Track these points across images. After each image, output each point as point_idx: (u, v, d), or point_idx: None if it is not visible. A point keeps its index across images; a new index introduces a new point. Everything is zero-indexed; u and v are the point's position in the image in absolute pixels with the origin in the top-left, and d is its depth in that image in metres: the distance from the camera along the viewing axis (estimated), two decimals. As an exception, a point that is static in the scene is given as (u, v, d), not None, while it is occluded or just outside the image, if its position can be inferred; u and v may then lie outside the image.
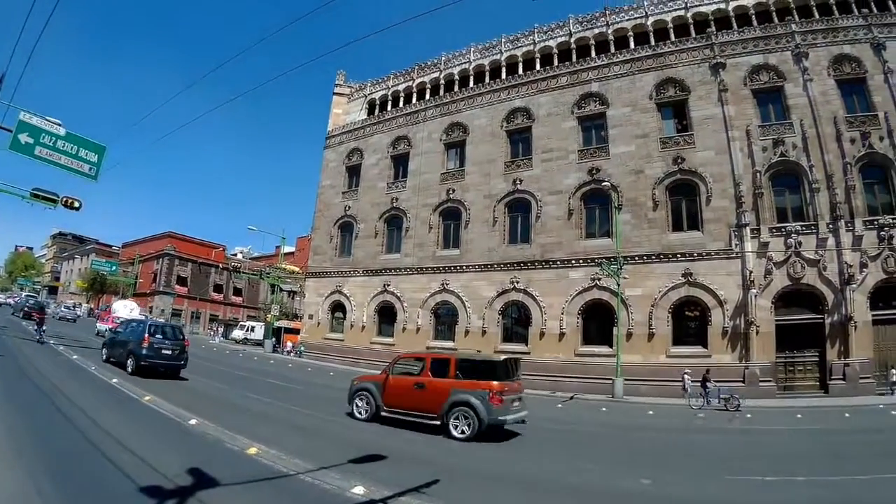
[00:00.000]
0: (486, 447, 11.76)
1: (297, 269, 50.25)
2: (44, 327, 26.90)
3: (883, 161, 27.64)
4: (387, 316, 37.61)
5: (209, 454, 8.76)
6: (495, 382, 12.32)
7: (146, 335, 18.51)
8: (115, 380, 16.14)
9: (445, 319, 35.17)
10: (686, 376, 25.23)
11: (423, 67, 42.23)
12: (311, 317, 42.31)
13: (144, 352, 18.21)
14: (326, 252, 41.96)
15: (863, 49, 29.39)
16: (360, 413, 13.95)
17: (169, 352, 18.87)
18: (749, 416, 20.12)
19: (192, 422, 11.20)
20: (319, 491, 7.37)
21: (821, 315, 26.64)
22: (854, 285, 25.94)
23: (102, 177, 20.89)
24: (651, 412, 21.49)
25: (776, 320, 27.14)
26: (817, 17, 31.27)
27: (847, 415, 19.80)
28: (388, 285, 37.14)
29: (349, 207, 41.16)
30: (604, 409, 22.58)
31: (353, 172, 42.54)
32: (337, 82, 47.06)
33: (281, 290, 54.80)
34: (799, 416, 20.06)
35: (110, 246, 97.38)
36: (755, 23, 32.45)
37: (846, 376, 25.24)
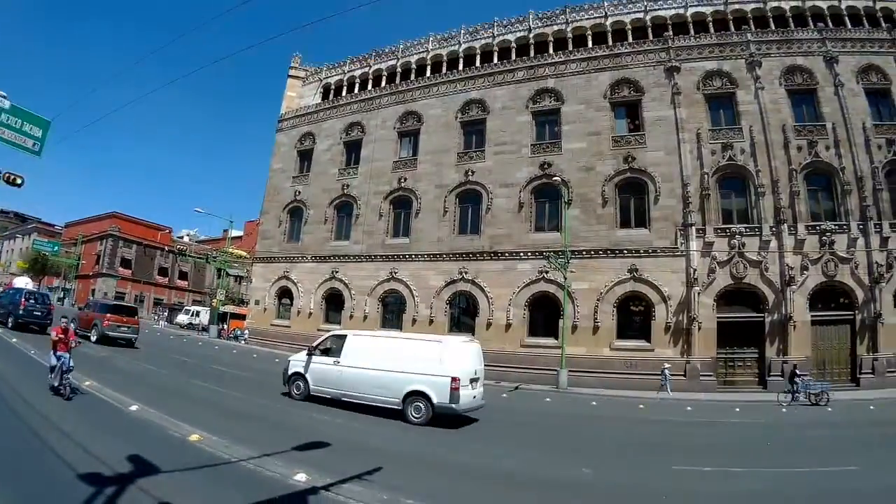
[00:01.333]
0: (431, 433, 11.96)
1: (244, 253, 48.96)
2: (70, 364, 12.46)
3: (828, 169, 28.97)
4: (334, 303, 37.10)
5: (150, 441, 8.56)
6: None
7: (22, 300, 25.74)
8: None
9: (393, 308, 34.93)
10: (666, 371, 26.02)
11: (381, 54, 41.71)
12: (257, 302, 41.38)
13: (21, 312, 25.28)
14: (275, 237, 41.04)
15: (815, 61, 30.69)
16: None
17: (39, 313, 26.11)
18: (689, 408, 20.69)
19: (133, 408, 11.02)
20: (262, 478, 7.34)
21: (761, 314, 27.82)
22: (795, 287, 27.15)
23: (46, 154, 19.95)
24: (594, 403, 21.91)
25: (718, 317, 28.15)
26: (773, 28, 32.51)
27: (784, 410, 20.64)
28: (337, 272, 36.61)
29: (299, 192, 40.33)
30: (548, 399, 22.93)
31: (305, 157, 41.69)
32: (292, 65, 46.01)
33: (227, 274, 53.44)
34: (737, 409, 20.81)
35: (53, 225, 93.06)
36: (712, 30, 33.46)
37: (784, 373, 26.26)
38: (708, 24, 33.91)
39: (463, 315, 33.09)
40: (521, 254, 31.44)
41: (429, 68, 39.11)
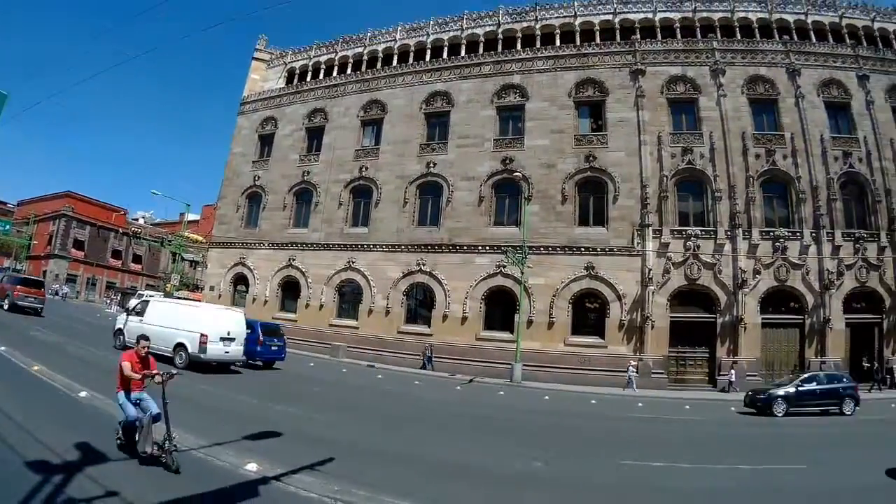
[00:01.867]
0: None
1: (200, 237, 47.75)
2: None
3: (784, 178, 29.86)
4: (291, 291, 36.48)
5: (99, 428, 8.23)
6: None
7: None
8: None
9: (350, 298, 34.54)
10: (631, 368, 26.47)
11: (348, 41, 41.09)
12: (212, 288, 40.30)
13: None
14: (232, 222, 40.07)
15: (778, 73, 31.53)
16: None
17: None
18: (640, 405, 20.97)
19: (83, 394, 10.78)
20: (213, 467, 7.28)
21: (713, 315, 28.52)
22: (747, 290, 27.93)
23: (1, 129, 19.48)
24: (547, 397, 22.02)
25: (671, 317, 28.75)
26: (739, 37, 33.21)
27: (733, 409, 20.99)
28: (294, 260, 35.98)
29: (259, 177, 39.44)
30: (501, 392, 22.99)
31: (266, 142, 40.79)
32: (257, 47, 44.97)
33: (183, 259, 52.06)
34: (687, 407, 21.17)
35: (5, 203, 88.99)
36: (679, 36, 34.00)
37: (734, 373, 27.03)
38: (675, 29, 34.44)
39: (420, 307, 32.97)
40: (480, 247, 31.45)
41: (395, 58, 38.70)
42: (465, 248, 31.75)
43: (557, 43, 35.15)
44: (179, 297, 46.98)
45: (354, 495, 6.76)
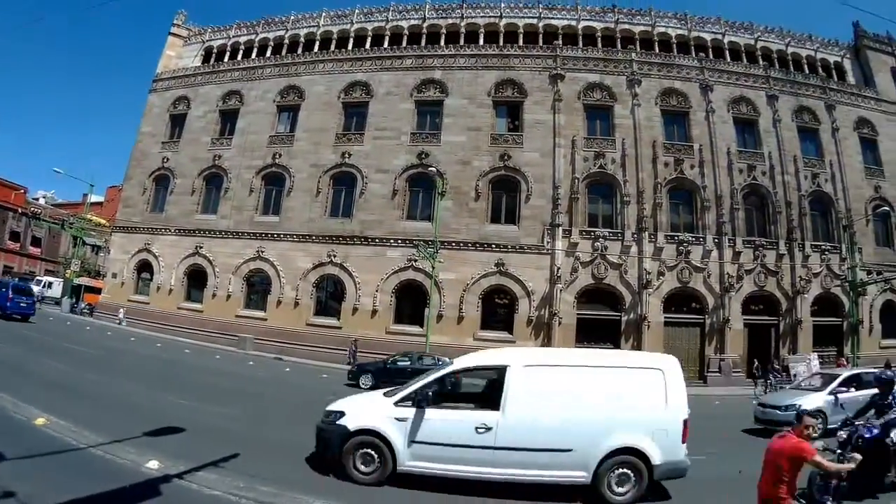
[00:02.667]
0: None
1: (104, 221, 44.99)
2: None
3: (691, 186, 31.42)
4: (197, 280, 34.86)
5: None
6: None
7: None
8: None
9: (259, 288, 33.48)
10: None
11: (270, 23, 39.73)
12: (114, 275, 37.97)
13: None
14: (138, 205, 37.84)
15: (692, 87, 33.14)
16: None
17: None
18: None
19: None
20: (113, 465, 7.02)
21: (619, 313, 29.67)
22: (651, 290, 29.23)
23: None
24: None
25: (578, 314, 29.67)
26: (657, 51, 34.70)
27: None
28: (201, 248, 34.39)
29: (167, 159, 37.40)
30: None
31: (178, 122, 38.71)
32: (175, 22, 42.63)
33: (84, 243, 48.94)
34: None
35: None
36: (600, 45, 35.14)
37: None
38: (597, 38, 35.62)
39: (330, 299, 32.45)
40: (392, 241, 31.26)
41: (317, 44, 37.86)
42: (378, 240, 31.47)
43: (481, 42, 35.60)
44: (80, 284, 44.58)
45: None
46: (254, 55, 38.97)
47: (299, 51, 37.97)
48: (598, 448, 7.46)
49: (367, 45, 36.66)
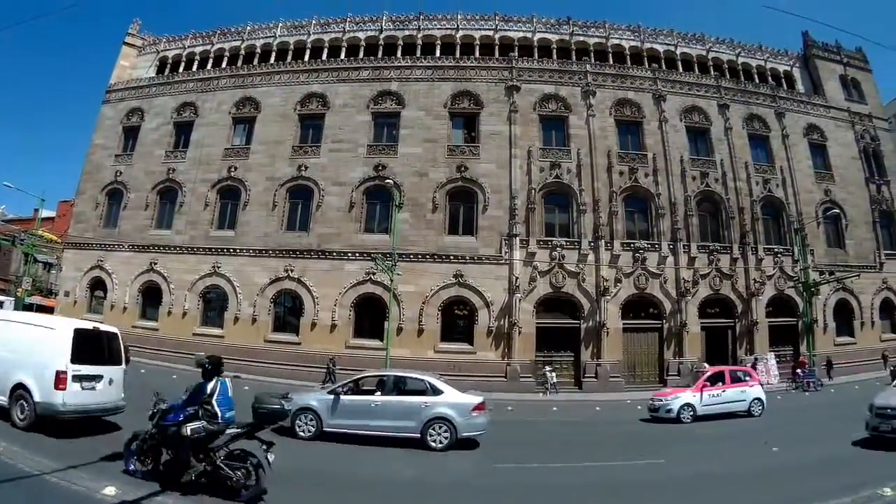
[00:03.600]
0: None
1: (55, 237, 43.65)
2: None
3: (645, 194, 32.02)
4: (152, 298, 33.87)
5: None
6: None
7: None
8: None
9: (215, 304, 32.73)
10: (549, 373, 27.62)
11: (226, 33, 39.12)
12: (67, 294, 36.70)
13: None
14: (90, 220, 36.65)
15: (645, 97, 33.86)
16: None
17: None
18: (510, 408, 21.01)
19: None
20: (69, 492, 6.87)
21: (578, 321, 29.99)
22: (609, 297, 29.64)
23: None
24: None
25: (537, 323, 29.88)
26: (611, 62, 35.34)
27: (598, 409, 21.97)
28: (156, 264, 33.52)
29: (120, 173, 36.38)
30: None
31: (131, 135, 37.67)
32: (130, 31, 41.54)
33: (36, 260, 47.40)
34: (555, 409, 22.05)
35: None
36: (555, 56, 35.63)
37: (598, 375, 28.86)
38: (552, 50, 36.16)
39: (288, 314, 31.92)
40: (350, 254, 30.97)
41: (274, 55, 37.42)
42: (335, 254, 31.14)
43: (437, 54, 35.77)
44: (32, 303, 43.10)
45: None
46: (209, 66, 38.28)
47: (255, 62, 37.46)
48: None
49: (324, 57, 36.43)
